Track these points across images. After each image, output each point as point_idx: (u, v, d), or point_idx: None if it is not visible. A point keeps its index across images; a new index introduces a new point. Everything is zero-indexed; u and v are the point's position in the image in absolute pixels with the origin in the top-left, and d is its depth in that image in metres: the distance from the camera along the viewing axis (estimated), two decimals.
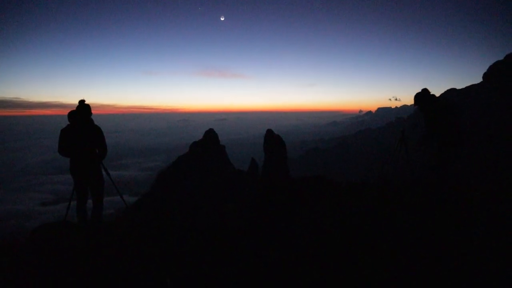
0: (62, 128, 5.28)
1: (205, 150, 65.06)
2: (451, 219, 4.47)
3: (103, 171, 5.74)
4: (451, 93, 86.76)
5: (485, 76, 78.15)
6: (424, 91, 5.75)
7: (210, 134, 68.91)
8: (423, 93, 5.78)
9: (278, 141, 66.79)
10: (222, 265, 4.04)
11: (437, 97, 5.73)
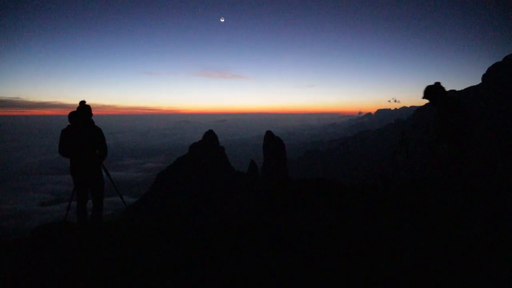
0: (63, 129, 5.29)
1: (205, 151, 65.09)
2: (452, 219, 4.48)
3: (103, 172, 5.77)
4: (451, 95, 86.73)
5: (484, 78, 78.41)
6: (437, 85, 5.33)
7: (210, 135, 68.97)
8: (436, 86, 5.36)
9: (278, 143, 66.92)
10: (222, 267, 4.04)
11: (448, 92, 5.38)
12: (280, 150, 66.15)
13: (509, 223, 4.24)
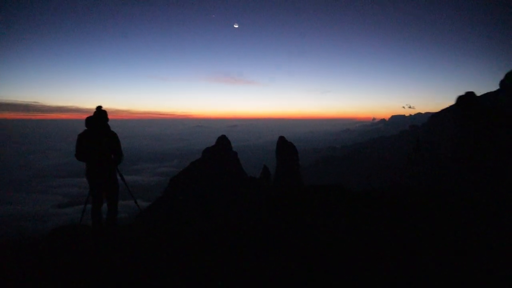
0: (80, 133, 5.40)
1: (218, 156, 65.31)
2: (470, 226, 4.39)
3: (118, 176, 5.85)
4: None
5: (502, 83, 76.44)
6: (470, 95, 4.97)
7: (223, 141, 69.18)
8: (470, 97, 5.03)
9: (291, 148, 66.64)
10: (233, 270, 4.05)
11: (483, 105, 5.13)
12: (293, 156, 65.84)
13: (509, 223, 4.14)
